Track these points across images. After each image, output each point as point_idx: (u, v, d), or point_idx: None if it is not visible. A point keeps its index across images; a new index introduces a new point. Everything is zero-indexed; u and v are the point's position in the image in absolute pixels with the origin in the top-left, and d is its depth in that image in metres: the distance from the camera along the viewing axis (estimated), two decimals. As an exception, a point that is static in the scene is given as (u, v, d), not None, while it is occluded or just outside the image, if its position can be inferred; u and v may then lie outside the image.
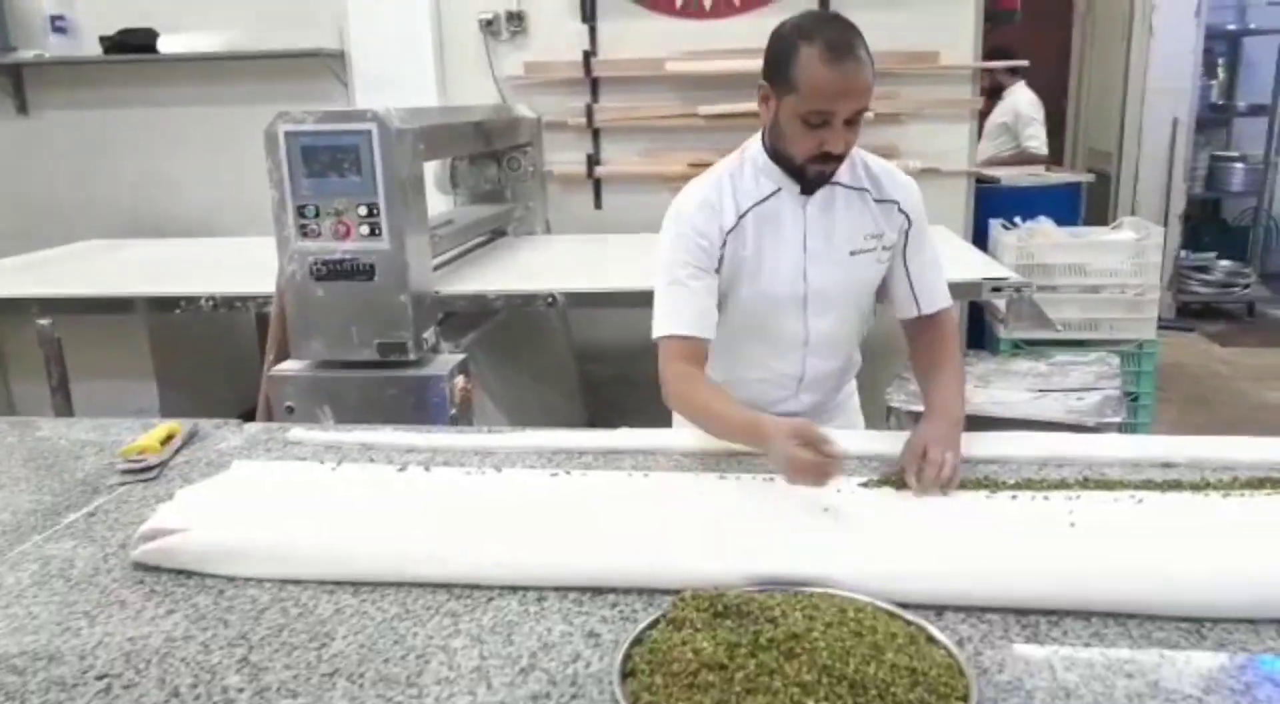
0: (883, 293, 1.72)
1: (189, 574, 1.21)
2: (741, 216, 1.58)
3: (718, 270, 1.59)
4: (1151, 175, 5.58)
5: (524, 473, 1.48)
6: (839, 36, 1.44)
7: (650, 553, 1.18)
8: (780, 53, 1.48)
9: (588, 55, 3.71)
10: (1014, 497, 1.35)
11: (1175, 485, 1.37)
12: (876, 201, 1.62)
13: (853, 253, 1.62)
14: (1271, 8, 6.08)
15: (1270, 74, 5.93)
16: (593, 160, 3.81)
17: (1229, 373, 4.82)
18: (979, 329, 4.01)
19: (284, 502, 1.36)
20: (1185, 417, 4.09)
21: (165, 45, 3.79)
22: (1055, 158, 6.57)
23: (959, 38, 3.61)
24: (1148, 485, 1.37)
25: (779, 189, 1.59)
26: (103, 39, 3.83)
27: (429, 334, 2.54)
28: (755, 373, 1.72)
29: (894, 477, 1.41)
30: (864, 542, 1.20)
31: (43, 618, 1.12)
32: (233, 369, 3.93)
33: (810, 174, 1.54)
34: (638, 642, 0.99)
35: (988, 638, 1.04)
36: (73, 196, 4.14)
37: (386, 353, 2.47)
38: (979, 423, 2.25)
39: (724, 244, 1.58)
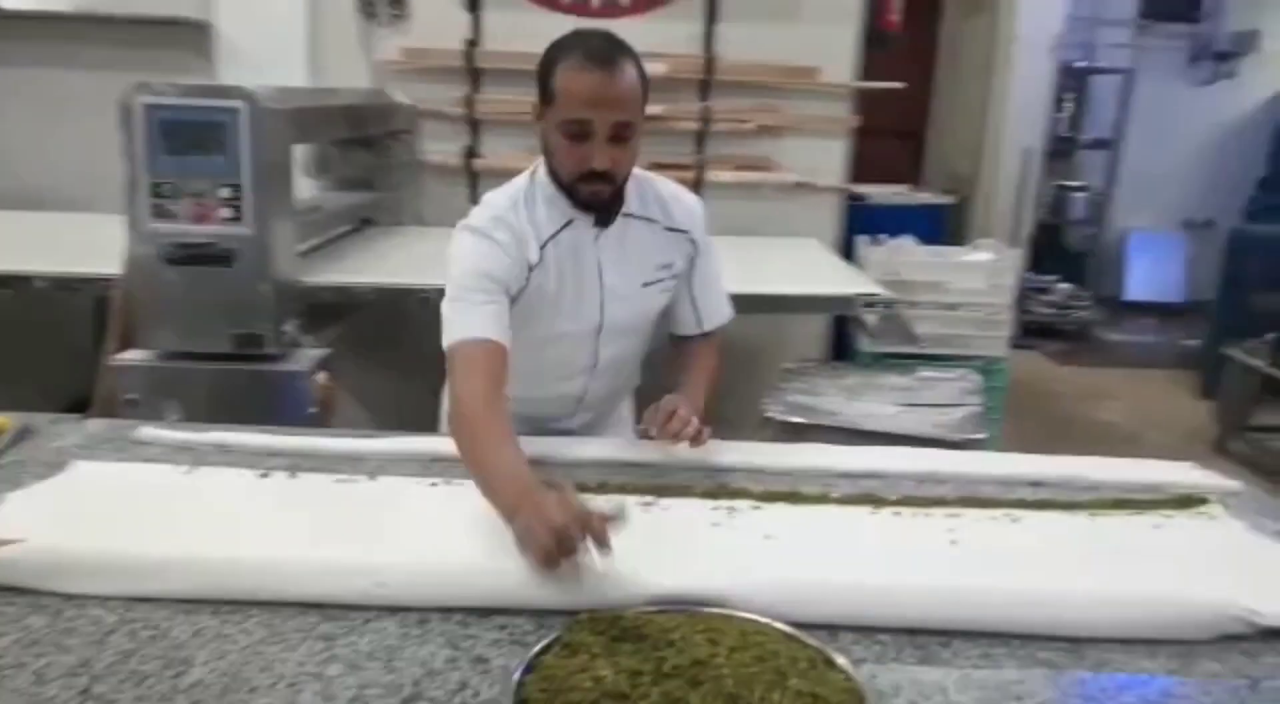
0: (665, 313, 1.72)
1: (21, 591, 1.08)
2: (543, 248, 1.51)
3: (513, 299, 1.50)
4: (1004, 200, 5.87)
5: (400, 481, 1.40)
6: (598, 46, 1.42)
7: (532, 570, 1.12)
8: (544, 64, 1.45)
9: (470, 44, 3.60)
10: (897, 513, 1.37)
11: (1047, 504, 1.42)
12: (666, 230, 1.61)
13: (645, 284, 1.61)
14: (1116, 49, 6.52)
15: (1111, 111, 6.36)
16: (471, 152, 3.70)
17: (1065, 390, 5.13)
18: (843, 340, 4.12)
19: (132, 509, 1.24)
20: (1025, 431, 4.31)
21: (8, 1, 3.46)
22: (914, 178, 6.87)
23: (839, 56, 3.69)
24: (1021, 504, 1.41)
25: (571, 220, 1.53)
26: (-72, -13, 3.47)
27: (289, 327, 2.40)
28: (536, 393, 1.66)
29: (782, 493, 1.40)
30: (757, 559, 1.19)
31: None
32: (65, 358, 3.63)
33: (582, 195, 1.47)
34: (530, 669, 0.93)
35: (882, 659, 1.04)
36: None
37: (242, 345, 2.33)
38: (849, 435, 2.30)
39: (529, 276, 1.51)
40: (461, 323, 1.43)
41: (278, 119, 2.27)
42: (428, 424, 1.89)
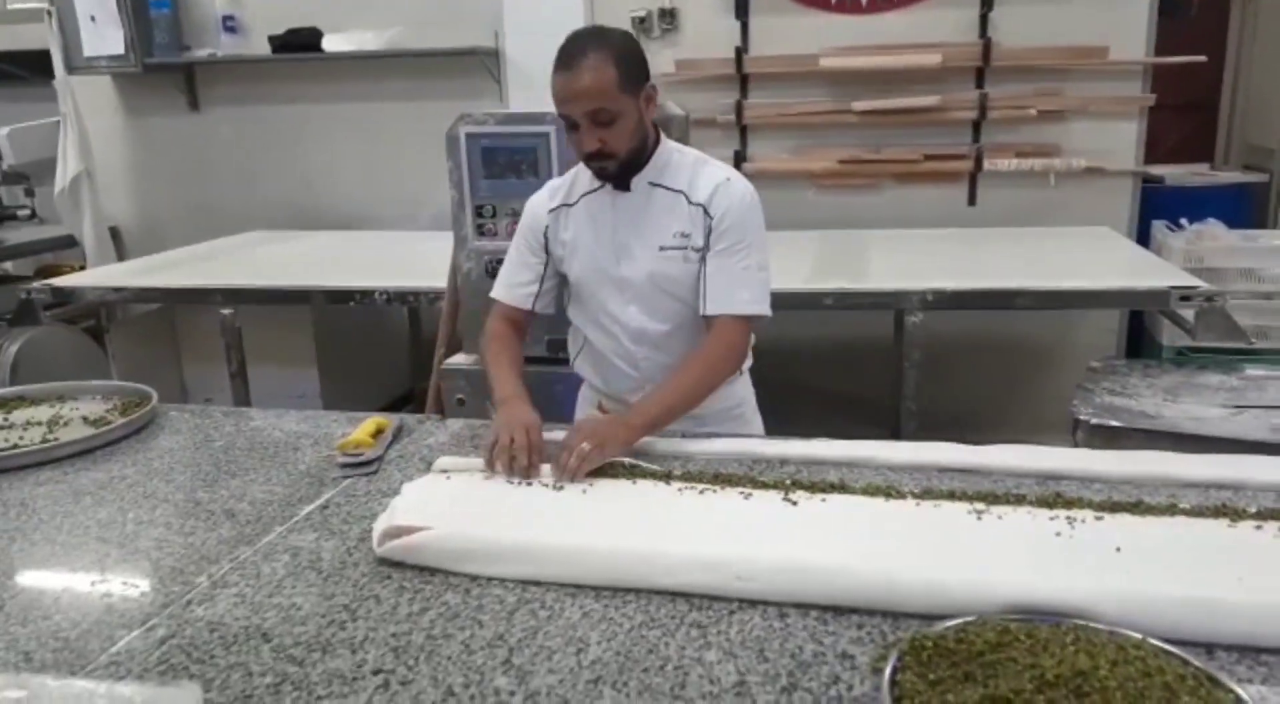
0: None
1: (432, 571, 1.26)
2: (571, 204, 1.81)
3: (548, 249, 1.83)
4: (1322, 174, 5.24)
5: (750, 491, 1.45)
6: (565, 51, 1.63)
7: (891, 574, 1.16)
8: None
9: (739, 52, 3.68)
10: (1259, 526, 1.29)
11: None
12: (690, 204, 1.73)
13: (662, 248, 1.75)
14: None
15: None
16: (740, 157, 3.79)
17: None
18: (1138, 335, 3.84)
19: (515, 502, 1.40)
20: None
21: (329, 44, 3.92)
22: (1206, 155, 6.26)
23: (1130, 31, 3.46)
24: (1407, 520, 1.29)
25: (602, 185, 1.77)
26: (271, 39, 3.98)
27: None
28: (602, 361, 1.88)
29: (1126, 504, 1.36)
30: (1113, 571, 1.16)
31: (306, 609, 1.18)
32: (385, 359, 4.08)
33: (592, 170, 1.74)
34: (899, 669, 0.97)
35: (1269, 681, 0.99)
36: (236, 189, 4.33)
37: (555, 349, 2.51)
38: (1172, 439, 2.16)
39: (547, 226, 1.82)
40: (497, 281, 1.90)
41: (582, 139, 2.44)
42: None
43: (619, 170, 1.71)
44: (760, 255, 1.75)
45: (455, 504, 1.39)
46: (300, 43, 3.95)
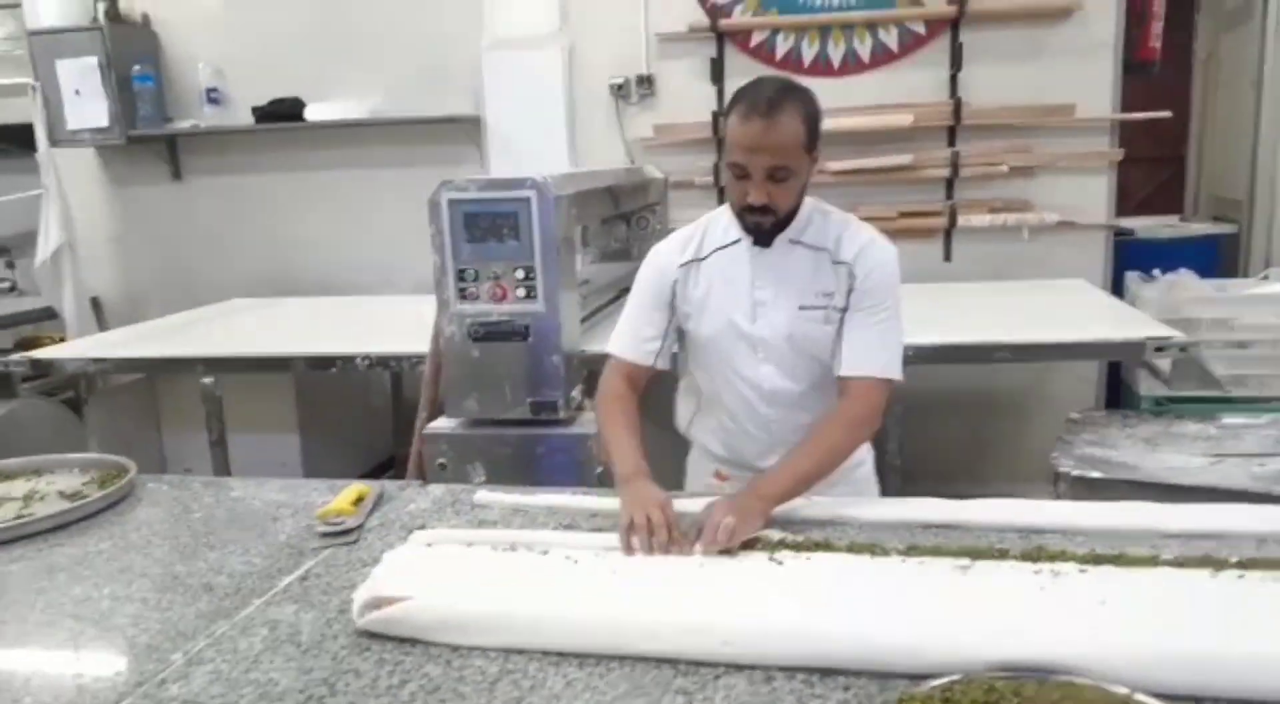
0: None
1: (412, 642, 1.24)
2: (702, 258, 1.77)
3: (673, 305, 1.78)
4: (1288, 223, 5.35)
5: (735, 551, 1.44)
6: (759, 97, 1.59)
7: (877, 634, 1.15)
8: (727, 109, 1.67)
9: (715, 116, 3.76)
10: (1240, 576, 1.29)
11: None
12: (834, 263, 1.71)
13: (802, 307, 1.71)
14: None
15: None
16: (719, 217, 3.83)
17: (1386, 431, 4.54)
18: (1115, 386, 3.88)
19: (497, 570, 1.38)
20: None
21: (312, 113, 3.97)
22: (1176, 207, 6.39)
23: (1097, 89, 3.55)
24: (1388, 567, 1.29)
25: (739, 239, 1.74)
26: (254, 109, 4.04)
27: (576, 393, 2.58)
28: (728, 422, 1.84)
29: (1108, 556, 1.36)
30: (1098, 625, 1.15)
31: (284, 685, 1.16)
32: (366, 424, 4.06)
33: (747, 223, 1.69)
34: (891, 730, 0.96)
35: (1259, 736, 0.99)
36: (217, 257, 4.35)
37: (538, 411, 2.52)
38: (1153, 490, 2.17)
39: (676, 280, 1.77)
40: (615, 336, 1.84)
41: (562, 204, 2.47)
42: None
43: (772, 227, 1.69)
44: (899, 320, 1.73)
45: (436, 573, 1.37)
46: (283, 113, 4.00)
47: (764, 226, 1.68)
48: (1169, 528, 1.45)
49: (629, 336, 1.82)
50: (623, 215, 3.62)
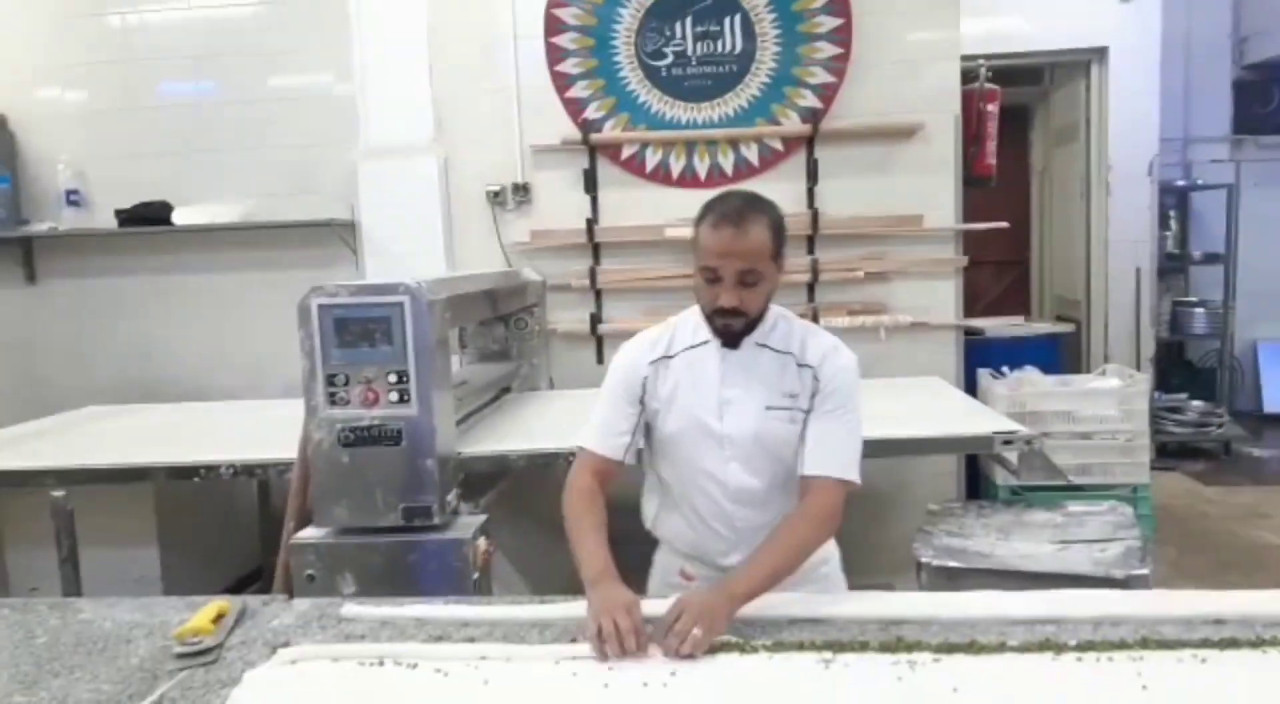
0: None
1: (273, 767, 1.19)
2: (670, 357, 1.84)
3: (642, 401, 1.84)
4: (1120, 322, 5.82)
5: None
6: (730, 207, 1.70)
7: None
8: (695, 222, 1.76)
9: (590, 223, 3.88)
10: (1079, 658, 1.38)
11: (1234, 643, 1.40)
12: (799, 366, 1.80)
13: (769, 407, 1.79)
14: (1214, 165, 6.52)
15: (1218, 224, 6.31)
16: (595, 319, 3.92)
17: (1217, 513, 4.89)
18: (975, 478, 4.08)
19: (363, 687, 1.35)
20: (1184, 559, 4.13)
21: (180, 217, 3.90)
22: (1023, 308, 6.86)
23: (941, 202, 3.83)
24: (1207, 644, 1.41)
25: (708, 341, 1.82)
26: (118, 212, 3.94)
27: (451, 497, 2.55)
28: (693, 518, 1.87)
29: (960, 645, 1.43)
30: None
31: (131, 820, 1.09)
32: (232, 536, 3.88)
33: (717, 325, 1.77)
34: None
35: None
36: (72, 364, 4.16)
37: (411, 517, 2.47)
38: (1006, 577, 2.29)
39: (646, 377, 1.83)
40: (588, 430, 1.88)
41: (435, 308, 2.49)
42: (572, 574, 2.01)
43: (742, 330, 1.76)
44: (858, 425, 1.81)
45: (299, 692, 1.33)
46: (150, 216, 3.91)
47: (734, 328, 1.76)
48: (1014, 615, 1.54)
49: (601, 431, 1.86)
50: (501, 317, 3.66)
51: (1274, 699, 1.23)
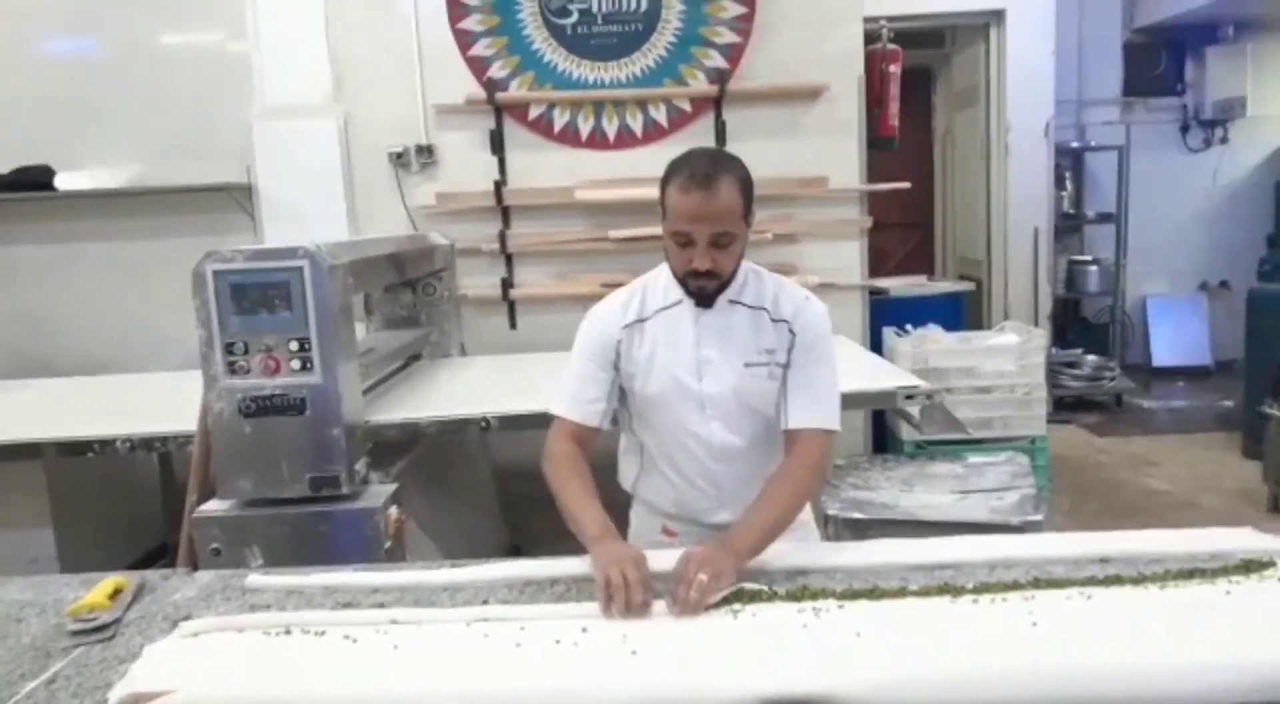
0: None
1: (174, 741, 1.16)
2: (644, 319, 1.82)
3: (616, 366, 1.82)
4: (1019, 280, 6.02)
5: (501, 621, 1.43)
6: (698, 169, 1.66)
7: (651, 679, 1.20)
8: (662, 183, 1.72)
9: (498, 185, 3.82)
10: (975, 600, 1.44)
11: (1117, 580, 1.48)
12: (773, 321, 1.80)
13: (746, 364, 1.79)
14: (1106, 126, 6.76)
15: (1110, 184, 6.56)
16: (507, 284, 3.88)
17: (1110, 462, 5.14)
18: (882, 433, 4.19)
19: (269, 656, 1.32)
20: (1077, 506, 4.33)
21: (64, 182, 3.71)
22: (928, 267, 7.05)
23: (845, 164, 3.88)
24: (1093, 581, 1.48)
25: (681, 301, 1.80)
26: (-4, 177, 3.73)
27: (360, 466, 2.51)
28: (677, 479, 1.88)
29: (863, 591, 1.47)
30: (855, 656, 1.25)
31: (22, 803, 1.06)
32: (135, 512, 3.75)
33: (691, 288, 1.75)
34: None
35: (988, 742, 1.09)
36: (-48, 337, 3.94)
37: (319, 488, 2.42)
38: (910, 526, 2.37)
39: (619, 341, 1.81)
40: (559, 397, 1.84)
41: (337, 273, 2.42)
42: (486, 541, 2.01)
43: (716, 290, 1.74)
44: (835, 373, 1.81)
45: (202, 663, 1.30)
46: (30, 181, 3.71)
47: (708, 289, 1.75)
48: (914, 561, 1.59)
49: (574, 398, 1.83)
50: (408, 283, 3.59)
51: (1151, 629, 1.29)
